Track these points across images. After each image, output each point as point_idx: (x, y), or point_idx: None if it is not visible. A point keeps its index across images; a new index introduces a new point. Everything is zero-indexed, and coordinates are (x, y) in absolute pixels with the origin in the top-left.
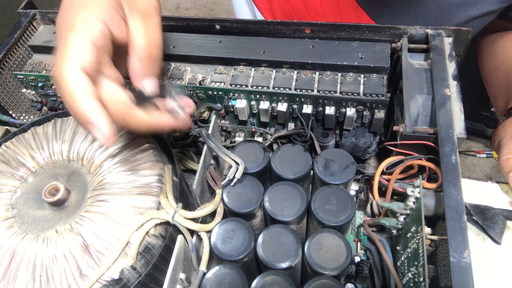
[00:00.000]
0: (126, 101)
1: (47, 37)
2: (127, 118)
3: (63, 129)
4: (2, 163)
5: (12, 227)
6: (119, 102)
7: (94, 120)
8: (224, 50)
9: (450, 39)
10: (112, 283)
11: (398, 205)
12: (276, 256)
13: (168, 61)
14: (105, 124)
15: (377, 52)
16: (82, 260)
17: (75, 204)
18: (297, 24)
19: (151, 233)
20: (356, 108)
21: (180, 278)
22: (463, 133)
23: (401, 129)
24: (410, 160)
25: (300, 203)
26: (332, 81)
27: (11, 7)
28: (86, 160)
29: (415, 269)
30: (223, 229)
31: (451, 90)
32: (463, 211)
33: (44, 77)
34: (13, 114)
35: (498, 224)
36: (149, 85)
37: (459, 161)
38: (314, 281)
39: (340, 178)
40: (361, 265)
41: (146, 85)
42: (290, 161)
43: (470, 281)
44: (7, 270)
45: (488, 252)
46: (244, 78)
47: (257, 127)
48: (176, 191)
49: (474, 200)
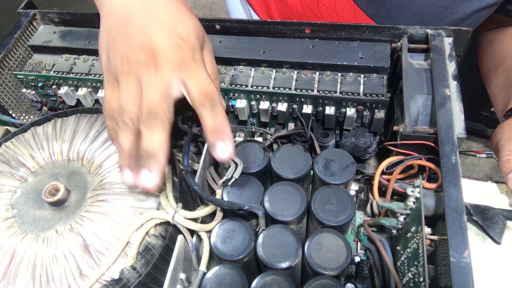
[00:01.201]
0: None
1: (47, 37)
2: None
3: (63, 129)
4: (2, 163)
5: (12, 227)
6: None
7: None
8: (224, 50)
9: (450, 39)
10: (112, 283)
11: (398, 205)
12: (276, 256)
13: None
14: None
15: (377, 52)
16: (82, 260)
17: (75, 204)
18: (297, 24)
19: (151, 233)
20: (356, 108)
21: (180, 278)
22: (463, 133)
23: (401, 129)
24: (410, 160)
25: (300, 203)
26: (332, 81)
27: (11, 7)
28: (86, 160)
29: (415, 269)
30: (223, 229)
31: (451, 90)
32: (463, 211)
33: (44, 77)
34: (13, 114)
35: (498, 224)
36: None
37: (459, 161)
38: (314, 281)
39: (340, 178)
40: (361, 265)
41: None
42: (290, 161)
43: (470, 281)
44: (7, 270)
45: (488, 252)
46: (244, 78)
47: (257, 127)
48: (176, 191)
49: (474, 200)
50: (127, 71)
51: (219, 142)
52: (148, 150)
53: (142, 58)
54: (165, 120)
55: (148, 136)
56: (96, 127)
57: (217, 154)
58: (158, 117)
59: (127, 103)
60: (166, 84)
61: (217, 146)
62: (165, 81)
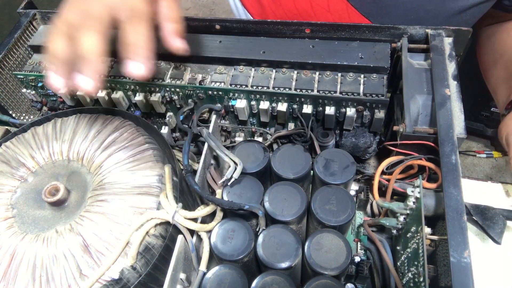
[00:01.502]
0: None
1: (47, 37)
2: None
3: (63, 129)
4: (2, 163)
5: (12, 227)
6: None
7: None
8: (224, 50)
9: (450, 39)
10: (112, 283)
11: (398, 205)
12: (276, 256)
13: (168, 61)
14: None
15: (377, 52)
16: (82, 260)
17: (75, 204)
18: (297, 24)
19: (151, 233)
20: (356, 108)
21: (180, 278)
22: (463, 133)
23: (401, 129)
24: (410, 160)
25: (300, 203)
26: (332, 81)
27: (11, 7)
28: (86, 160)
29: (415, 269)
30: (223, 229)
31: (451, 90)
32: (463, 211)
33: (44, 77)
34: (13, 114)
35: (498, 224)
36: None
37: (459, 161)
38: (314, 281)
39: (340, 178)
40: (361, 265)
41: (181, 45)
42: (290, 161)
43: (470, 281)
44: (7, 270)
45: (488, 252)
46: (244, 78)
47: (257, 127)
48: (176, 191)
49: (474, 200)
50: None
51: (129, 61)
52: (82, 53)
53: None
54: (99, 24)
55: (82, 40)
56: (96, 127)
57: (128, 71)
58: (93, 19)
59: (66, 12)
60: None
61: (128, 64)
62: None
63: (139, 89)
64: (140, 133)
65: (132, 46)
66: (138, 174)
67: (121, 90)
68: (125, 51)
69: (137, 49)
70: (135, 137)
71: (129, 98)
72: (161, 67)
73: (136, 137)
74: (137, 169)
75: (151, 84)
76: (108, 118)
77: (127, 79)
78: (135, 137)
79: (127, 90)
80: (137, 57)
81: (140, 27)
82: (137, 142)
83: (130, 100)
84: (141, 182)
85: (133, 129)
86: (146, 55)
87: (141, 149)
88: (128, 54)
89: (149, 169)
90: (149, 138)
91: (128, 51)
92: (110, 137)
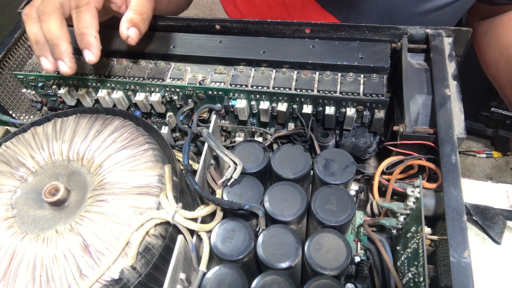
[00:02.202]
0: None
1: None
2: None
3: (63, 129)
4: (2, 163)
5: (12, 227)
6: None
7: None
8: (224, 50)
9: (450, 39)
10: (112, 283)
11: (398, 205)
12: (276, 256)
13: (168, 61)
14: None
15: (377, 52)
16: (82, 260)
17: (75, 204)
18: (297, 24)
19: (151, 233)
20: (356, 108)
21: (180, 278)
22: (463, 133)
23: (401, 129)
24: (410, 160)
25: (300, 203)
26: (332, 81)
27: (11, 7)
28: (86, 160)
29: (415, 269)
30: (223, 229)
31: (451, 90)
32: (463, 211)
33: (44, 77)
34: (13, 114)
35: (498, 224)
36: (133, 33)
37: (459, 161)
38: (314, 281)
39: (340, 178)
40: (361, 265)
41: (130, 32)
42: (290, 161)
43: (470, 281)
44: (7, 270)
45: (488, 252)
46: (244, 78)
47: (257, 127)
48: (176, 191)
49: (474, 200)
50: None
51: (83, 49)
52: (49, 39)
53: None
54: (54, 9)
55: (43, 26)
56: (96, 127)
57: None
58: (47, 3)
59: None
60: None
61: (83, 52)
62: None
63: (139, 89)
64: (140, 133)
65: (79, 35)
66: (138, 174)
67: (121, 90)
68: (77, 41)
69: (83, 38)
70: (135, 137)
71: (129, 98)
72: (160, 67)
73: (136, 137)
74: (137, 169)
75: (151, 84)
76: (108, 118)
77: (127, 79)
78: (135, 137)
79: (127, 90)
80: (84, 45)
81: (85, 15)
82: (137, 142)
83: (130, 100)
84: (141, 182)
85: (133, 129)
86: (92, 42)
87: (141, 149)
88: (79, 43)
89: (149, 169)
90: (149, 138)
91: (78, 40)
92: (110, 137)
